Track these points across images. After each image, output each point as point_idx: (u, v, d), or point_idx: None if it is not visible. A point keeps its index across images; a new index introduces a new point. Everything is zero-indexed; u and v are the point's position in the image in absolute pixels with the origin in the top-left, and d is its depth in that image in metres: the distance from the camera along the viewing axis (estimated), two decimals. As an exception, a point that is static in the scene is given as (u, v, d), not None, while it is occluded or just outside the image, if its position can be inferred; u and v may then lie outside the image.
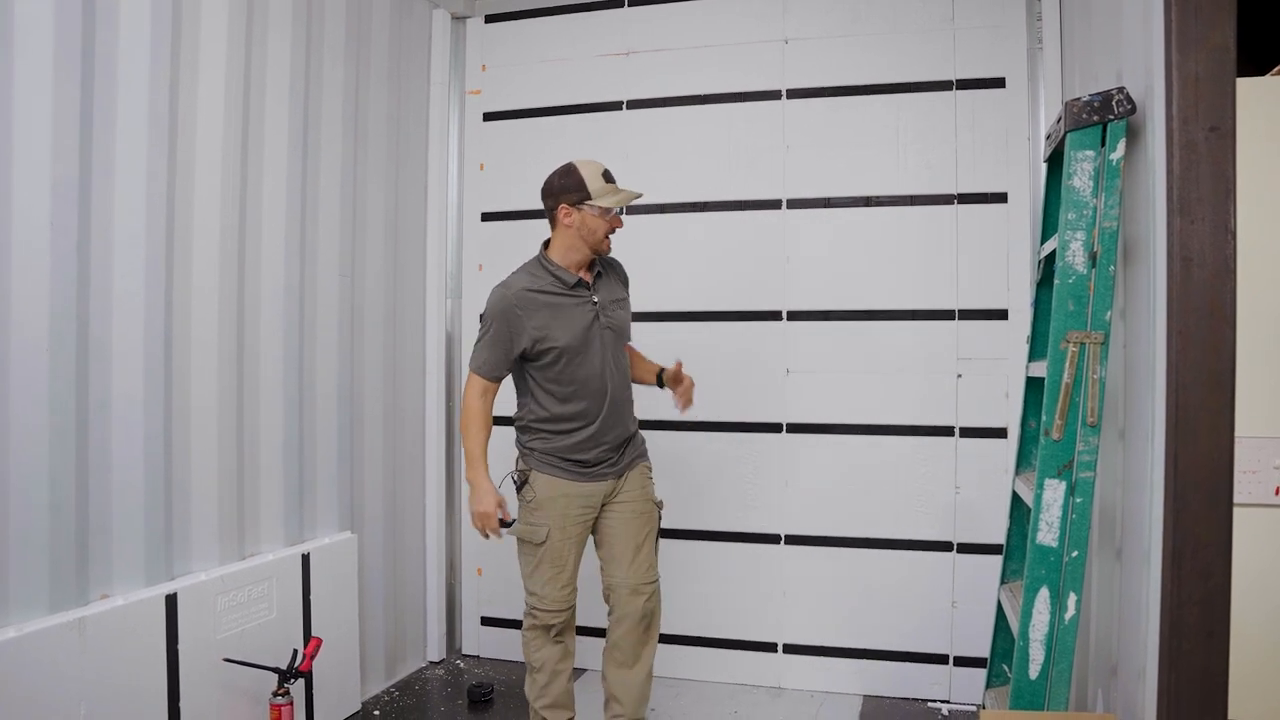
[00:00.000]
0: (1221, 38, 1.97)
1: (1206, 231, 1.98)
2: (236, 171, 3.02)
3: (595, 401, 2.93)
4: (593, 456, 2.95)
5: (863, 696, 3.72)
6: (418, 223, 4.12)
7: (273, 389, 3.21)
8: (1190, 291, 1.99)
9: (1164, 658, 2.02)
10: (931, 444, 3.66)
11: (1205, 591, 1.97)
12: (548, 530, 2.91)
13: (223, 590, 2.85)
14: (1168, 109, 2.03)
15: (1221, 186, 1.98)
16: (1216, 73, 1.97)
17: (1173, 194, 2.01)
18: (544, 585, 2.95)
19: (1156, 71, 2.12)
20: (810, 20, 3.80)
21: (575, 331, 2.88)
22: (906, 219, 3.70)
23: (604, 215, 2.90)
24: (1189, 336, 1.99)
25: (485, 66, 4.22)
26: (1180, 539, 1.99)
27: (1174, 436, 2.01)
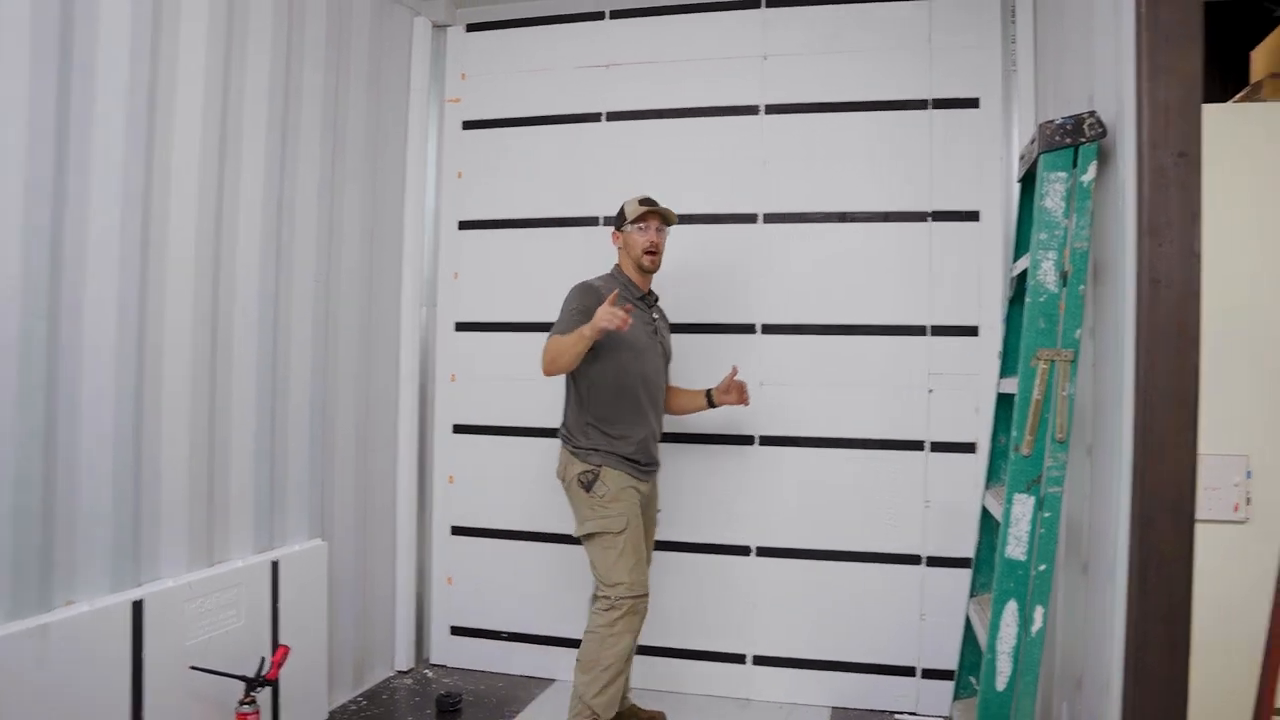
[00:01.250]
0: (1190, 66, 2.02)
1: (1174, 254, 2.03)
2: (214, 174, 3.01)
3: (651, 404, 3.25)
4: (646, 456, 3.23)
5: (831, 708, 3.74)
6: (394, 230, 4.11)
7: (245, 394, 3.19)
8: (1158, 312, 2.04)
9: (1128, 670, 2.06)
10: (902, 458, 3.70)
11: (1169, 606, 2.01)
12: (626, 519, 3.12)
13: (190, 597, 2.82)
14: (1138, 134, 2.08)
15: (1188, 211, 2.03)
16: (1185, 100, 2.03)
17: (1142, 217, 2.06)
18: (629, 571, 3.10)
19: (1127, 97, 2.17)
20: (789, 37, 3.85)
21: (639, 333, 3.18)
22: (881, 235, 3.74)
23: (638, 231, 3.24)
24: (1156, 356, 2.04)
25: (465, 75, 4.23)
26: (1145, 554, 2.03)
27: (1140, 453, 2.06)
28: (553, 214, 4.08)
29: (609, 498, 3.13)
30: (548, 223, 4.08)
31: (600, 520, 3.13)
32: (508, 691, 3.91)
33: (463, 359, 4.21)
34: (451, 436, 4.22)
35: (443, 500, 4.23)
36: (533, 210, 4.11)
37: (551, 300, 3.98)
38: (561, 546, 4.01)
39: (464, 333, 4.20)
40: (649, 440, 3.25)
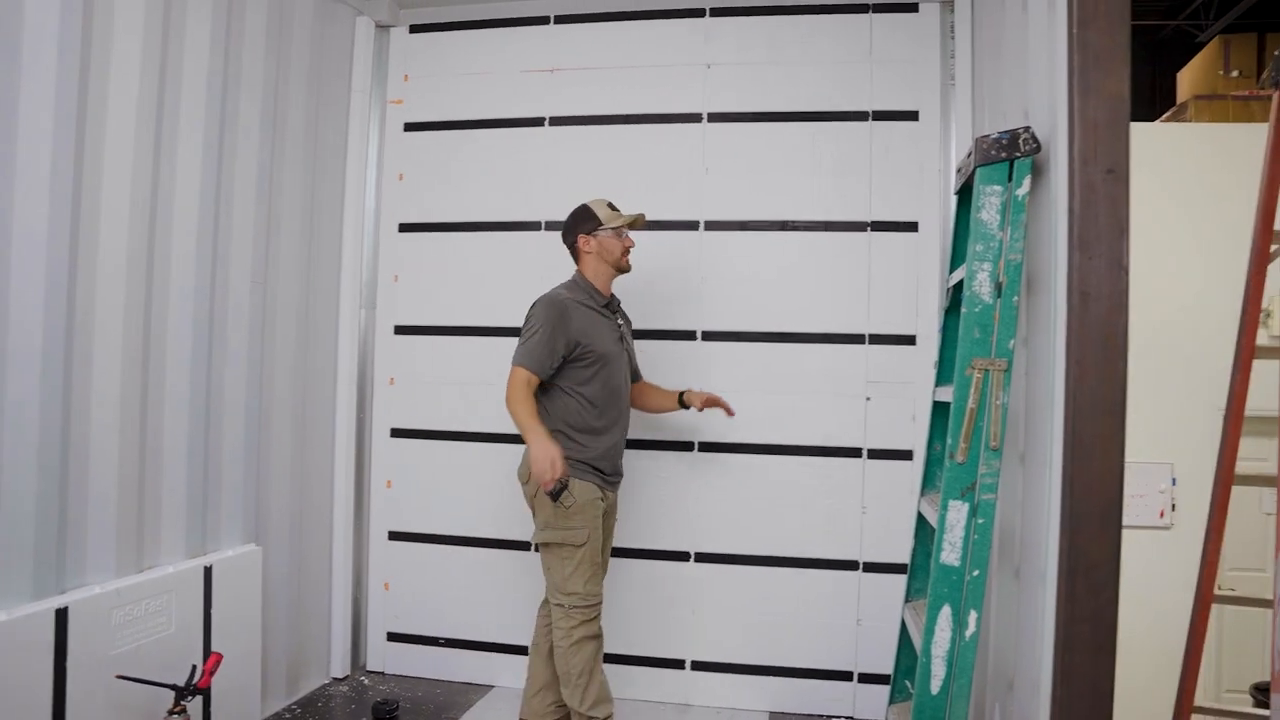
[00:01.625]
0: (1118, 86, 2.09)
1: (1103, 267, 2.09)
2: (148, 170, 2.94)
3: (620, 412, 3.28)
4: (611, 466, 3.27)
5: (769, 713, 3.77)
6: (334, 231, 4.04)
7: (178, 396, 3.12)
8: (1087, 323, 2.10)
9: (1057, 672, 2.11)
10: (840, 465, 3.75)
11: (1095, 608, 2.07)
12: (588, 532, 3.15)
13: (118, 604, 2.75)
14: (1069, 150, 2.14)
15: (1116, 225, 2.09)
16: (1113, 119, 2.09)
17: (1073, 231, 2.12)
18: (585, 583, 3.17)
19: (1060, 114, 2.23)
20: (733, 47, 3.88)
21: (608, 343, 3.23)
22: (821, 244, 3.79)
23: (617, 236, 3.28)
24: (1085, 366, 2.09)
25: (408, 76, 4.19)
26: (1073, 558, 2.09)
27: (1070, 461, 2.11)
28: (494, 218, 4.06)
29: (574, 509, 3.13)
30: (489, 226, 4.06)
31: (562, 532, 3.14)
32: (446, 698, 3.87)
33: (402, 362, 4.16)
34: (390, 440, 4.17)
35: (380, 505, 4.17)
36: (474, 214, 4.08)
37: (492, 304, 3.99)
38: (500, 551, 3.99)
39: (403, 336, 4.16)
40: (616, 450, 3.28)
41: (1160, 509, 3.85)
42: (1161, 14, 6.71)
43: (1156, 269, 3.73)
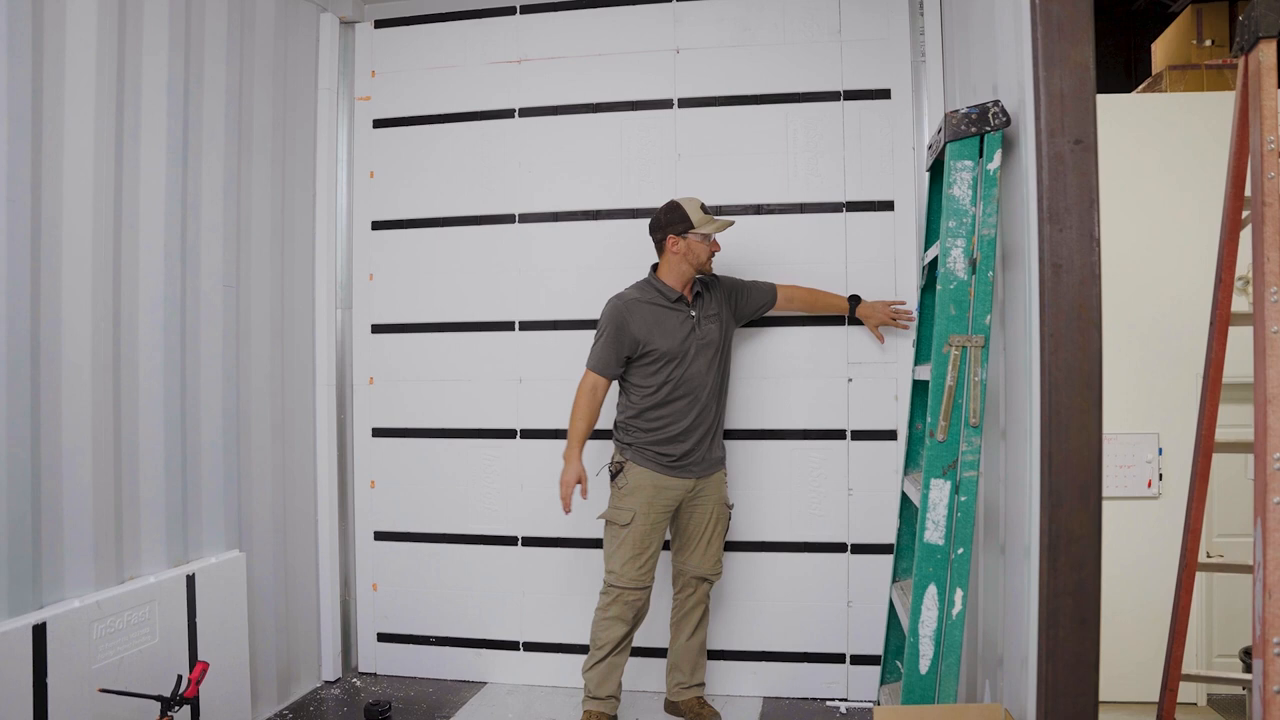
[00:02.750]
0: (1082, 56, 2.07)
1: (1074, 239, 2.07)
2: (110, 178, 2.89)
3: (689, 403, 3.35)
4: (680, 451, 3.35)
5: (763, 698, 3.77)
6: (306, 231, 4.00)
7: (153, 403, 3.08)
8: (1060, 296, 2.08)
9: (1042, 646, 2.10)
10: (824, 447, 3.74)
11: (1078, 582, 2.06)
12: (633, 515, 3.32)
13: (99, 617, 2.72)
14: (1036, 123, 2.12)
15: (1086, 197, 2.07)
16: (1079, 89, 2.07)
17: (1043, 203, 2.11)
18: (623, 564, 3.34)
19: (1026, 87, 2.22)
20: (701, 31, 3.85)
21: (675, 340, 3.33)
22: (797, 226, 3.77)
23: (705, 240, 3.36)
24: (1059, 339, 2.08)
25: (375, 72, 4.15)
26: (1054, 533, 2.08)
27: (1047, 434, 2.10)
28: (468, 212, 4.02)
29: (626, 491, 3.35)
30: (463, 221, 4.03)
31: (613, 510, 3.38)
32: (438, 697, 3.86)
33: (381, 361, 4.13)
34: (372, 440, 4.14)
35: (364, 505, 4.15)
36: (447, 209, 4.05)
37: (468, 299, 3.97)
38: (488, 548, 3.97)
39: (381, 334, 4.12)
40: (688, 437, 3.36)
41: (1148, 479, 3.86)
42: (1134, -15, 6.70)
43: (1139, 240, 3.72)
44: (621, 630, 3.37)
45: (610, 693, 3.40)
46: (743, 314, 3.57)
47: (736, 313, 3.54)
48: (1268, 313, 1.87)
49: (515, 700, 3.81)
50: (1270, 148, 1.94)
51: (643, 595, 3.38)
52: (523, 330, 3.97)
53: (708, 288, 3.49)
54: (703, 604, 3.54)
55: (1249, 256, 1.99)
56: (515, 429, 3.97)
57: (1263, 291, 1.88)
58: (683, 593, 3.53)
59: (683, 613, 3.54)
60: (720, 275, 3.56)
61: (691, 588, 3.50)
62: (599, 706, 3.39)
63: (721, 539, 3.52)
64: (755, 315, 3.61)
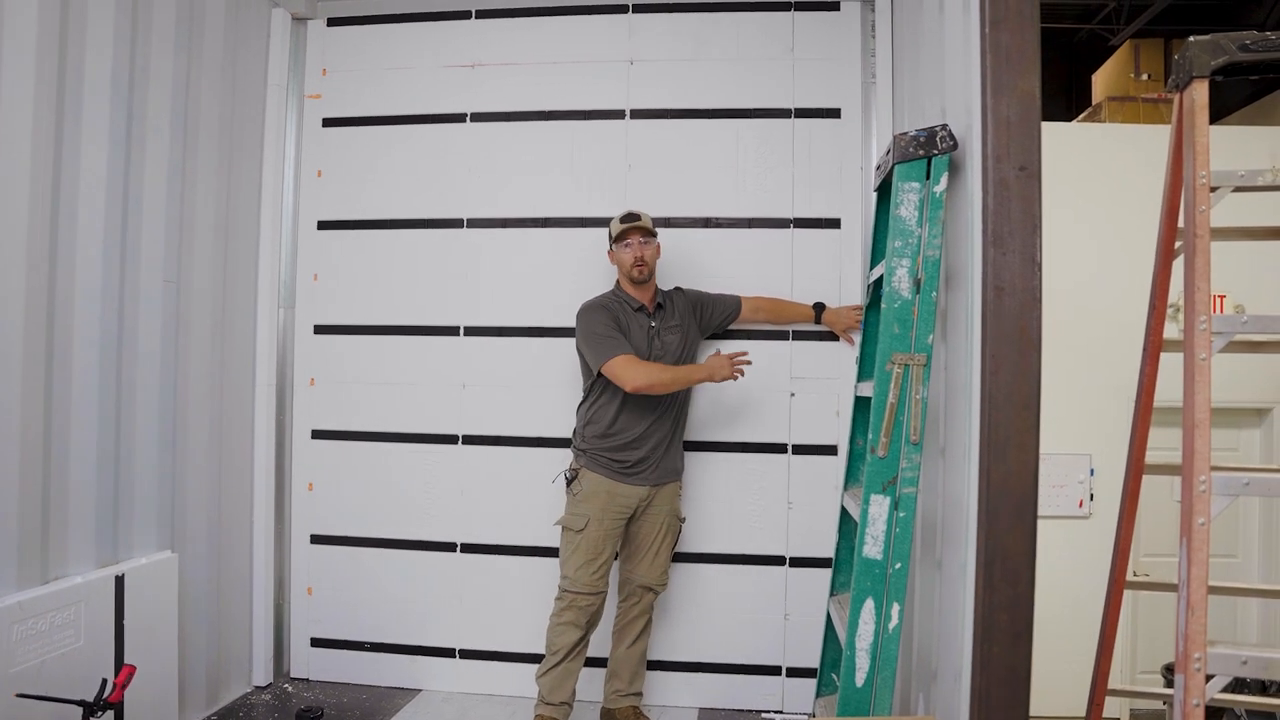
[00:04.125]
0: (1029, 86, 2.13)
1: (1016, 263, 2.12)
2: (48, 168, 2.80)
3: (643, 412, 3.36)
4: (634, 459, 3.37)
5: (698, 709, 3.78)
6: (250, 229, 3.93)
7: (86, 398, 2.99)
8: (1002, 318, 2.13)
9: (976, 660, 2.14)
10: (766, 460, 3.77)
11: (1013, 597, 2.10)
12: (586, 520, 3.34)
13: (20, 618, 2.62)
14: (983, 148, 2.17)
15: (1029, 222, 2.13)
16: (1025, 117, 2.13)
17: (987, 227, 2.16)
18: (577, 569, 3.35)
19: (974, 113, 2.27)
20: (655, 43, 3.87)
21: (638, 344, 3.35)
22: (744, 241, 3.80)
23: (624, 248, 3.41)
24: (1000, 360, 2.13)
25: (326, 71, 4.09)
26: (991, 549, 2.12)
27: (986, 453, 2.14)
28: (416, 215, 3.98)
29: (580, 497, 3.37)
30: (411, 224, 3.99)
31: (568, 516, 3.39)
32: (372, 703, 3.80)
33: (323, 362, 4.06)
34: (311, 442, 4.07)
35: (302, 508, 4.07)
36: (395, 211, 4.01)
37: (414, 303, 3.93)
38: (426, 553, 3.93)
39: (324, 335, 4.06)
40: (642, 445, 3.37)
41: (1079, 499, 3.96)
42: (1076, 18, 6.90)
43: (1074, 265, 3.82)
44: (575, 635, 3.36)
45: (564, 699, 3.38)
46: (708, 326, 3.61)
47: (702, 324, 3.58)
48: (1197, 340, 1.94)
49: (450, 708, 3.77)
50: (1202, 182, 2.01)
51: (596, 600, 3.38)
52: (468, 335, 3.94)
53: (671, 300, 3.53)
54: (646, 614, 3.54)
55: (1181, 285, 2.06)
56: (457, 434, 3.94)
57: (1193, 319, 1.95)
58: (628, 601, 3.52)
59: (626, 621, 3.53)
60: (686, 288, 3.61)
61: (637, 597, 3.50)
62: (551, 712, 3.36)
63: (670, 550, 3.53)
64: (721, 327, 3.65)
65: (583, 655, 3.44)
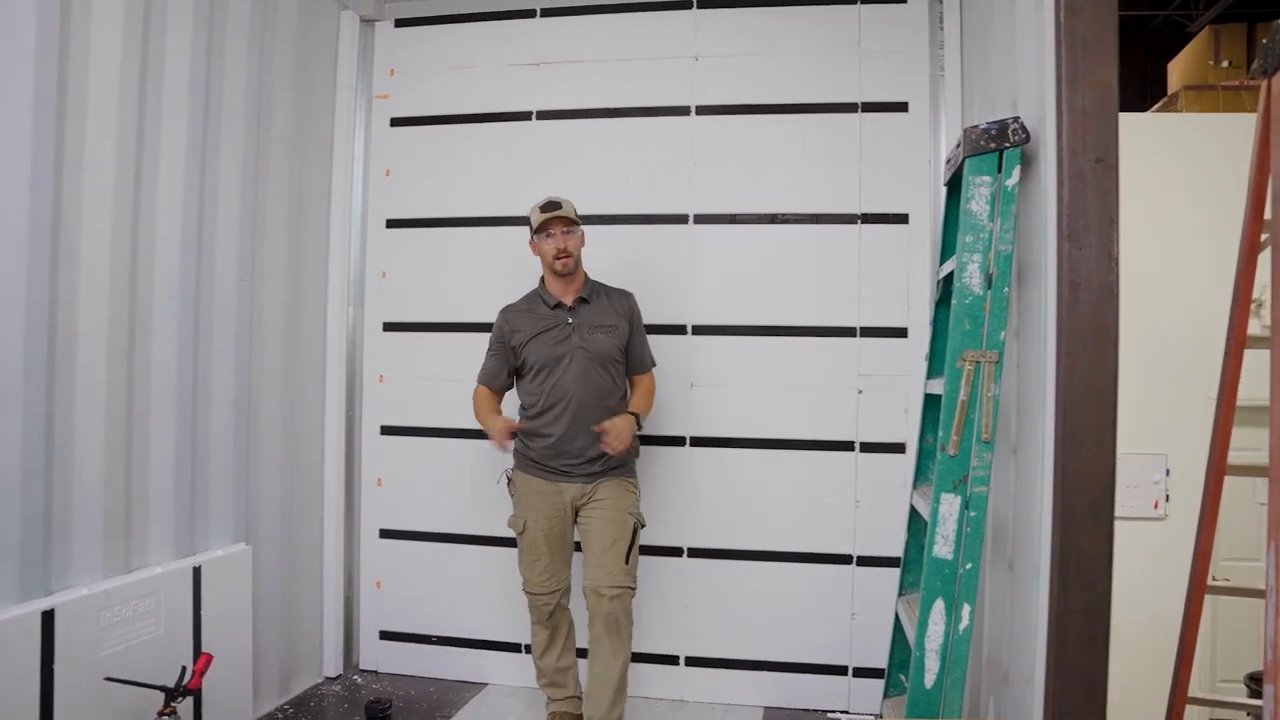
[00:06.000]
0: (1106, 76, 2.07)
1: (1093, 258, 2.07)
2: (130, 168, 2.90)
3: (562, 412, 3.27)
4: (557, 458, 3.30)
5: (764, 708, 3.76)
6: (320, 228, 4.02)
7: (165, 395, 3.09)
8: (1077, 314, 2.08)
9: (1050, 664, 2.10)
10: (833, 458, 3.73)
11: (1089, 601, 2.06)
12: (524, 521, 3.33)
13: (106, 605, 2.73)
14: (1058, 140, 2.12)
15: (1106, 215, 2.08)
16: (1102, 108, 2.07)
17: (1062, 221, 2.11)
18: (526, 569, 3.36)
19: (1048, 104, 2.22)
20: (721, 38, 3.86)
21: (548, 348, 3.28)
22: (811, 237, 3.77)
23: (546, 239, 3.30)
24: (1076, 357, 2.08)
25: (394, 71, 4.16)
26: (1066, 551, 2.08)
27: (1061, 452, 2.10)
28: (482, 213, 4.03)
29: (517, 498, 3.39)
30: (477, 222, 4.04)
31: (510, 519, 3.40)
32: (439, 696, 3.86)
33: (391, 359, 4.14)
34: (380, 438, 4.15)
35: (371, 503, 4.15)
36: (462, 209, 4.06)
37: (479, 300, 3.97)
38: (491, 549, 3.97)
39: (392, 333, 4.13)
40: (564, 443, 3.28)
41: (1154, 500, 3.85)
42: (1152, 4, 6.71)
43: (1150, 260, 3.72)
44: (543, 635, 3.40)
45: (567, 694, 3.43)
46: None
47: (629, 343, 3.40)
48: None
49: (516, 702, 3.80)
50: (1292, 171, 1.94)
51: (550, 600, 3.34)
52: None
53: (608, 297, 3.41)
54: (610, 630, 3.23)
55: (1266, 279, 1.99)
56: (523, 431, 3.97)
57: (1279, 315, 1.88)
58: (589, 613, 3.27)
59: (592, 635, 3.29)
60: (636, 306, 3.45)
61: (592, 604, 3.24)
62: (559, 706, 3.44)
63: (621, 553, 3.24)
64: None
65: (566, 650, 3.45)
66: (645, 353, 3.47)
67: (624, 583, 3.25)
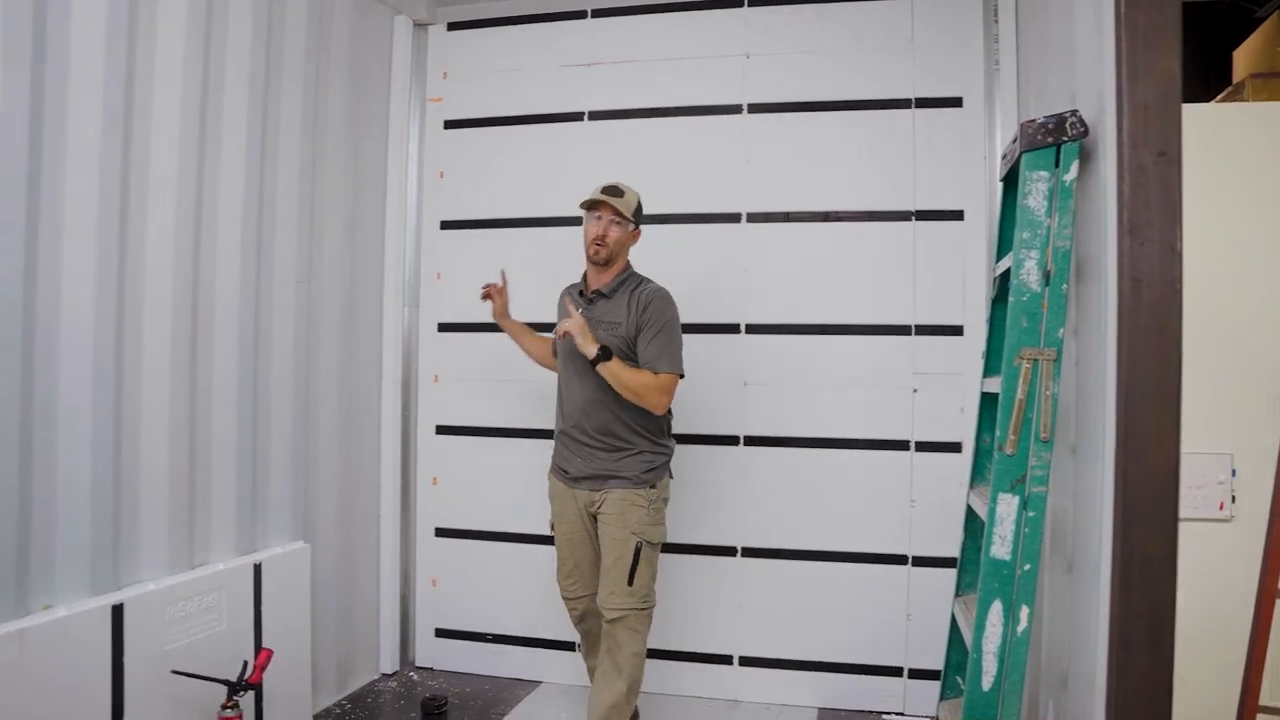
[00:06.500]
0: (1168, 66, 2.02)
1: (1155, 253, 2.03)
2: (193, 171, 2.98)
3: (567, 406, 3.15)
4: (564, 457, 3.17)
5: (818, 709, 3.74)
6: (376, 229, 4.09)
7: (226, 395, 3.17)
8: (1139, 311, 2.04)
9: (1112, 668, 2.06)
10: (887, 458, 3.70)
11: (1152, 603, 2.01)
12: (551, 523, 3.25)
13: (171, 600, 2.80)
14: (1118, 134, 2.08)
15: (1169, 210, 2.03)
16: (1164, 100, 2.03)
17: (1123, 216, 2.06)
18: (555, 570, 3.26)
19: (1108, 96, 2.17)
20: (772, 36, 3.84)
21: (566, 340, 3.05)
22: (865, 234, 3.74)
23: (591, 219, 3.09)
24: (1137, 355, 2.04)
25: (447, 74, 4.21)
26: (1128, 552, 2.03)
27: (1123, 452, 2.05)
28: (535, 214, 4.07)
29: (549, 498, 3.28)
30: (530, 223, 4.07)
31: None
32: (494, 694, 3.90)
33: (446, 360, 4.19)
34: (435, 438, 4.20)
35: (426, 502, 4.21)
36: (515, 210, 4.10)
37: (533, 301, 4.00)
38: (544, 547, 3.99)
39: (447, 333, 4.18)
40: (563, 446, 3.18)
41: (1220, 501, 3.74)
42: (1216, -9, 6.52)
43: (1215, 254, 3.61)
44: (582, 638, 3.35)
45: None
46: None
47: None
48: (1359, 333, 1.81)
49: (569, 700, 3.83)
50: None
51: (577, 605, 3.23)
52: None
53: (631, 296, 3.07)
54: (609, 652, 3.04)
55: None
56: (576, 430, 4.00)
57: (1354, 311, 1.82)
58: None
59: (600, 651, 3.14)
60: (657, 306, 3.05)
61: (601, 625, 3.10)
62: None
63: (623, 573, 2.97)
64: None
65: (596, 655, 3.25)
66: (654, 353, 2.99)
67: (625, 604, 2.98)
